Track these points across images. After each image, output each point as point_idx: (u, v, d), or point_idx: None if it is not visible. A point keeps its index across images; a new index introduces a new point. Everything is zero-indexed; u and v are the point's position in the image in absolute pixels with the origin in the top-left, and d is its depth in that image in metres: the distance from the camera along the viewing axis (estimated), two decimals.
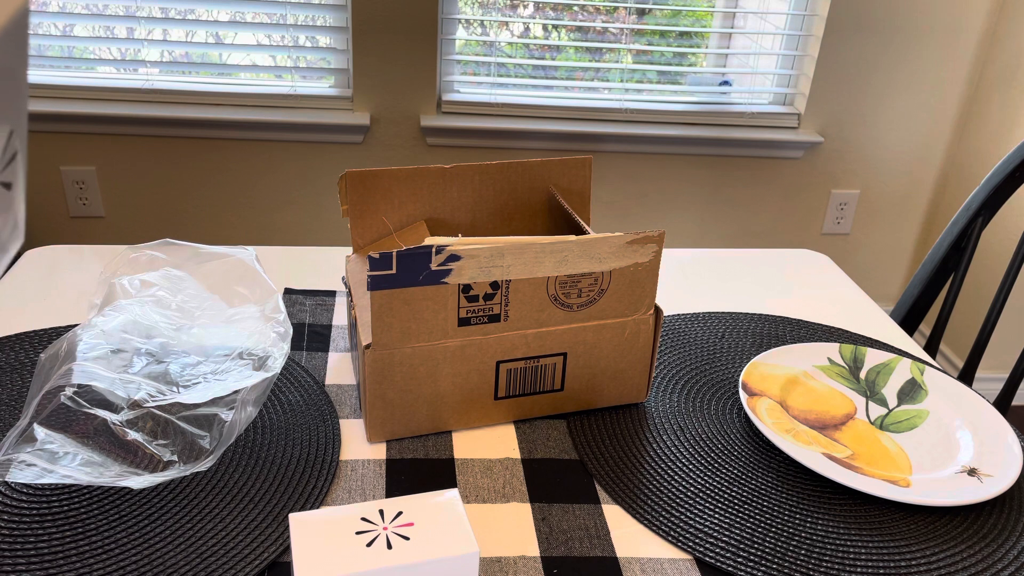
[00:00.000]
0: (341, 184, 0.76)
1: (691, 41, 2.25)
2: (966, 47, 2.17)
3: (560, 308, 0.69)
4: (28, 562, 0.56)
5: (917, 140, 2.28)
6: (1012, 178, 1.12)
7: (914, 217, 2.39)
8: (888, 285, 2.49)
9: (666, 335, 0.88)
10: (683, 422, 0.75)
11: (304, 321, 0.86)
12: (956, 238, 1.15)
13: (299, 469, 0.66)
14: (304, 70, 2.09)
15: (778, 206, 2.33)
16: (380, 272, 0.62)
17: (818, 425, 0.75)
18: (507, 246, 0.65)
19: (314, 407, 0.73)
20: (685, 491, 0.67)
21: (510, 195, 0.82)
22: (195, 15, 1.99)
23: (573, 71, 2.22)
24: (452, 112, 2.14)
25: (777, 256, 1.09)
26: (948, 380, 0.81)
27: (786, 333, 0.90)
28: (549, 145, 2.18)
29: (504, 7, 2.15)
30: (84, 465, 0.59)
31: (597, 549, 0.61)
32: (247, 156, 2.12)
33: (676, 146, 2.20)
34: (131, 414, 0.63)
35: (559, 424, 0.74)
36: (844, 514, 0.66)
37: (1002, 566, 0.62)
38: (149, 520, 0.60)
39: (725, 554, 0.61)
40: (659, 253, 0.70)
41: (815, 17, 2.15)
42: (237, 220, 2.21)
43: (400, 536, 0.47)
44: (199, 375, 0.68)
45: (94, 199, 2.13)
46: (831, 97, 2.20)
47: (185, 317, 0.72)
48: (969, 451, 0.73)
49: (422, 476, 0.67)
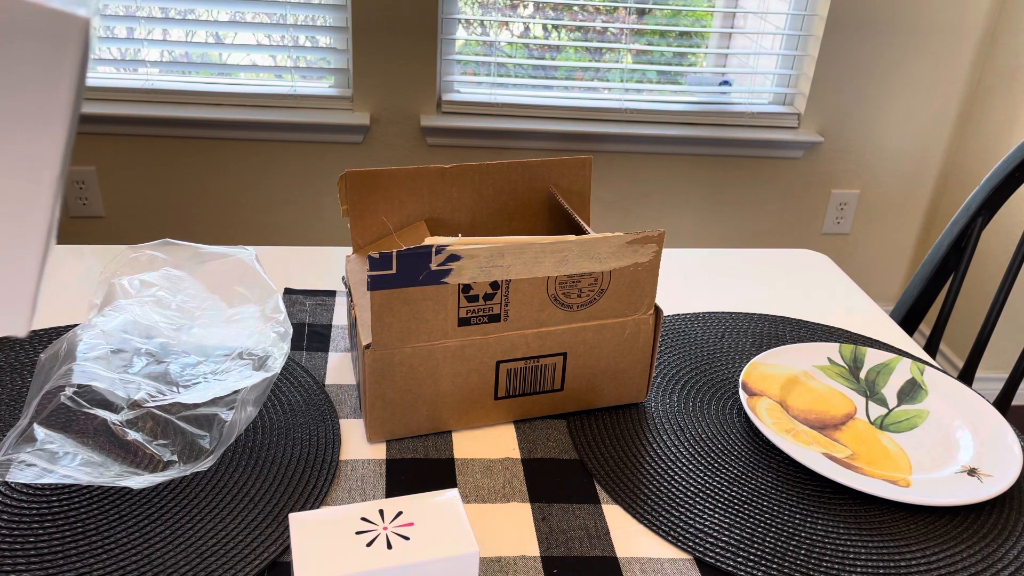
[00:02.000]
0: (341, 184, 0.76)
1: (691, 41, 2.25)
2: (966, 47, 2.17)
3: (560, 308, 0.69)
4: (28, 562, 0.56)
5: (917, 140, 2.28)
6: (1012, 178, 1.12)
7: (914, 217, 2.39)
8: (888, 285, 2.49)
9: (666, 335, 0.88)
10: (683, 422, 0.75)
11: (304, 321, 0.86)
12: (956, 238, 1.15)
13: (299, 469, 0.66)
14: (304, 70, 2.09)
15: (778, 206, 2.33)
16: (380, 272, 0.62)
17: (818, 425, 0.75)
18: (507, 246, 0.65)
19: (314, 407, 0.73)
20: (685, 491, 0.67)
21: (510, 195, 0.82)
22: (195, 15, 1.99)
23: (573, 71, 2.22)
24: (452, 112, 2.14)
25: (777, 256, 1.09)
26: (948, 380, 0.81)
27: (786, 333, 0.90)
28: (549, 145, 2.18)
29: (504, 7, 2.15)
30: (84, 465, 0.59)
31: (597, 549, 0.61)
32: (247, 156, 2.12)
33: (676, 146, 2.20)
34: (131, 414, 0.63)
35: (559, 424, 0.74)
36: (844, 514, 0.66)
37: (1002, 566, 0.62)
38: (149, 520, 0.60)
39: (725, 554, 0.61)
40: (659, 253, 0.70)
41: (815, 17, 2.15)
42: (237, 220, 2.21)
43: (400, 536, 0.47)
44: (199, 375, 0.68)
45: (94, 199, 2.13)
46: (831, 97, 2.20)
47: (185, 317, 0.72)
48: (969, 451, 0.73)
49: (422, 476, 0.67)
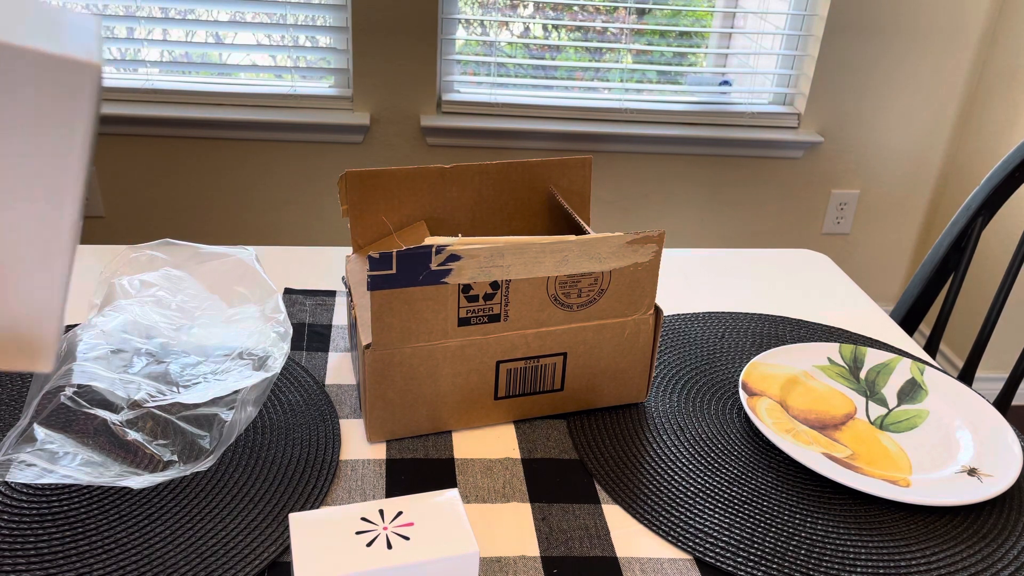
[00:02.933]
0: (341, 184, 0.76)
1: (691, 41, 2.25)
2: (966, 47, 2.17)
3: (560, 308, 0.69)
4: (28, 562, 0.56)
5: (917, 140, 2.28)
6: (1012, 178, 1.12)
7: (914, 217, 2.39)
8: (888, 285, 2.49)
9: (666, 335, 0.88)
10: (683, 422, 0.75)
11: (304, 321, 0.86)
12: (956, 238, 1.15)
13: (299, 469, 0.66)
14: (304, 70, 2.09)
15: (778, 206, 2.33)
16: (380, 272, 0.62)
17: (818, 425, 0.75)
18: (507, 246, 0.65)
19: (314, 407, 0.73)
20: (685, 491, 0.67)
21: (510, 195, 0.82)
22: (195, 15, 1.99)
23: (573, 71, 2.22)
24: (452, 112, 2.14)
25: (777, 256, 1.09)
26: (948, 380, 0.81)
27: (786, 333, 0.90)
28: (549, 145, 2.18)
29: (504, 7, 2.15)
30: (84, 465, 0.59)
31: (597, 549, 0.61)
32: (247, 156, 2.12)
33: (676, 146, 2.20)
34: (131, 414, 0.63)
35: (559, 424, 0.74)
36: (844, 514, 0.66)
37: (1002, 566, 0.62)
38: (149, 520, 0.60)
39: (725, 554, 0.61)
40: (659, 253, 0.70)
41: (815, 17, 2.15)
42: (237, 220, 2.21)
43: (400, 536, 0.47)
44: (199, 375, 0.68)
45: (94, 199, 2.13)
46: (831, 97, 2.20)
47: (185, 317, 0.72)
48: (969, 451, 0.73)
49: (422, 476, 0.67)
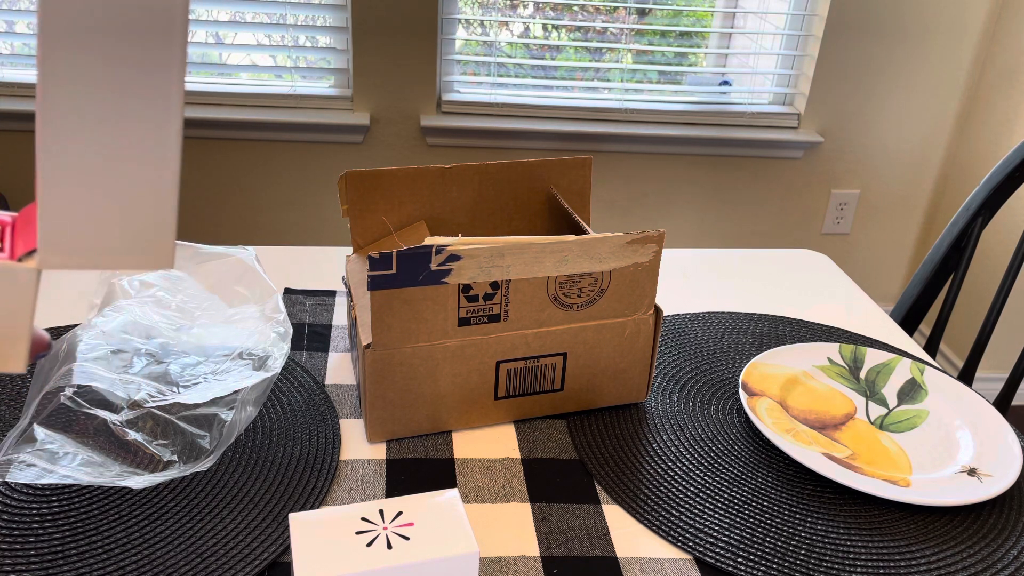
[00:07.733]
0: (341, 184, 0.76)
1: (691, 41, 2.25)
2: (966, 47, 2.17)
3: (560, 308, 0.69)
4: (28, 562, 0.56)
5: (917, 140, 2.28)
6: (1012, 178, 1.12)
7: (914, 217, 2.39)
8: (888, 285, 2.49)
9: (666, 335, 0.88)
10: (683, 422, 0.75)
11: (304, 321, 0.86)
12: (956, 238, 1.15)
13: (299, 469, 0.66)
14: (304, 70, 2.09)
15: (778, 206, 2.33)
16: (380, 272, 0.62)
17: (818, 425, 0.75)
18: (507, 246, 0.65)
19: (314, 407, 0.73)
20: (685, 491, 0.67)
21: (510, 195, 0.82)
22: (195, 15, 1.99)
23: (573, 71, 2.22)
24: (452, 112, 2.14)
25: (777, 256, 1.09)
26: (948, 380, 0.81)
27: (786, 333, 0.90)
28: (549, 145, 2.18)
29: (504, 7, 2.15)
30: (84, 465, 0.59)
31: (597, 549, 0.61)
32: (247, 156, 2.12)
33: (676, 146, 2.20)
34: (131, 414, 0.63)
35: (559, 424, 0.74)
36: (844, 514, 0.66)
37: (1002, 566, 0.62)
38: (149, 520, 0.60)
39: (725, 554, 0.61)
40: (659, 253, 0.70)
41: (815, 17, 2.15)
42: (237, 220, 2.21)
43: (400, 536, 0.47)
44: (199, 375, 0.68)
45: None
46: (831, 97, 2.20)
47: (185, 317, 0.72)
48: (969, 451, 0.73)
49: (422, 476, 0.67)
